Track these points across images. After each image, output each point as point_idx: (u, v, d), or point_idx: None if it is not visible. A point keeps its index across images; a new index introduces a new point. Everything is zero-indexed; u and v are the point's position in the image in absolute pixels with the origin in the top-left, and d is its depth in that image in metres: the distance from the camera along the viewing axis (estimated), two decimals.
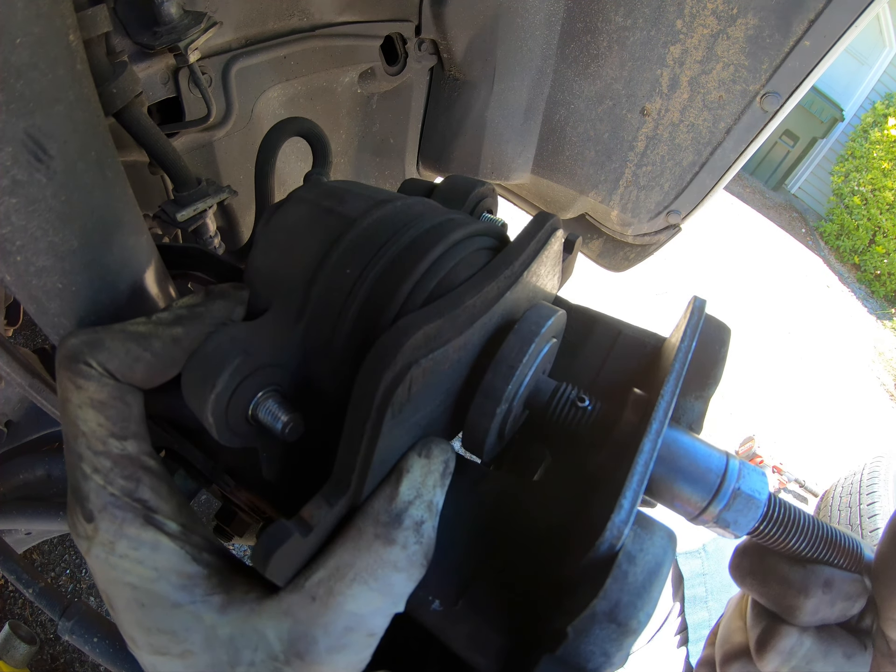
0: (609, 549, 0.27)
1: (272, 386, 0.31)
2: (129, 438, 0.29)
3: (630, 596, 0.26)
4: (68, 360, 0.28)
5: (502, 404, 0.32)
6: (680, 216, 1.09)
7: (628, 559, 0.27)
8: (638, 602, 0.26)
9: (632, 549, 0.27)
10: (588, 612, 0.25)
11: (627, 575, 0.26)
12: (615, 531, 0.27)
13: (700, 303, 0.38)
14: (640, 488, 0.28)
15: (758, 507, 0.32)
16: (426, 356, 0.28)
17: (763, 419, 3.83)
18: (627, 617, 0.25)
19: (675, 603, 0.98)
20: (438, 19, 0.95)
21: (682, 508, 0.33)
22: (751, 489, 0.32)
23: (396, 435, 0.29)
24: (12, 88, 0.24)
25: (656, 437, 0.30)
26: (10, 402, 0.73)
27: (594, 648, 0.25)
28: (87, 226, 0.31)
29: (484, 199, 0.44)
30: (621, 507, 0.27)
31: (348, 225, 0.34)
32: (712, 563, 1.00)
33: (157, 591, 0.28)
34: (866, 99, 7.84)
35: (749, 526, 0.32)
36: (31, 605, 1.66)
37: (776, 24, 0.82)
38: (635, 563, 0.27)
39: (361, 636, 0.27)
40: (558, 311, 0.36)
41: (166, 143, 0.63)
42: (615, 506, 0.27)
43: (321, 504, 0.27)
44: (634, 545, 0.27)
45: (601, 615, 0.25)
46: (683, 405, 0.38)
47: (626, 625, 0.25)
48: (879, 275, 7.08)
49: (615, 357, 0.42)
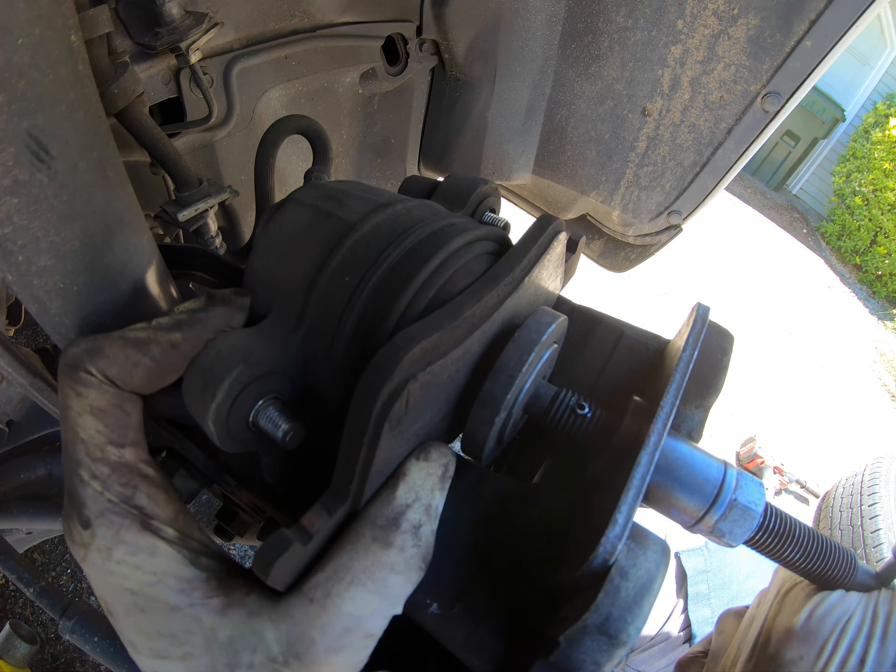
0: (602, 564, 0.27)
1: (272, 393, 0.31)
2: (127, 446, 0.29)
3: (621, 610, 0.26)
4: (69, 368, 0.28)
5: (501, 413, 0.32)
6: (681, 217, 1.09)
7: (621, 574, 0.27)
8: (628, 616, 0.26)
9: (625, 565, 0.28)
10: (580, 624, 0.26)
11: (619, 590, 0.27)
12: (609, 546, 0.27)
13: (703, 310, 0.38)
14: (636, 502, 0.28)
15: (753, 518, 0.32)
16: (423, 370, 0.28)
17: (764, 420, 3.83)
18: (618, 630, 0.26)
19: (678, 600, 0.98)
20: (439, 20, 0.95)
21: (679, 517, 0.33)
22: (747, 500, 0.32)
23: (394, 446, 0.29)
24: (14, 89, 0.24)
25: (654, 450, 0.30)
26: (12, 402, 0.73)
27: (585, 658, 0.26)
28: (89, 225, 0.31)
29: (486, 199, 0.44)
30: (616, 522, 0.27)
31: (348, 230, 0.33)
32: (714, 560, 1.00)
33: (156, 595, 0.28)
34: (867, 99, 7.82)
35: (744, 536, 0.33)
36: (32, 605, 1.67)
37: (777, 24, 0.82)
38: (627, 578, 0.27)
39: (359, 637, 0.27)
40: (559, 317, 0.35)
41: (168, 143, 0.63)
42: (610, 519, 0.27)
43: (321, 513, 0.28)
44: (627, 560, 0.28)
45: (592, 627, 0.26)
46: (683, 413, 0.38)
47: (616, 637, 0.26)
48: (881, 275, 7.07)
49: (617, 359, 0.42)
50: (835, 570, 0.36)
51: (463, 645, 0.30)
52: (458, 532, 0.34)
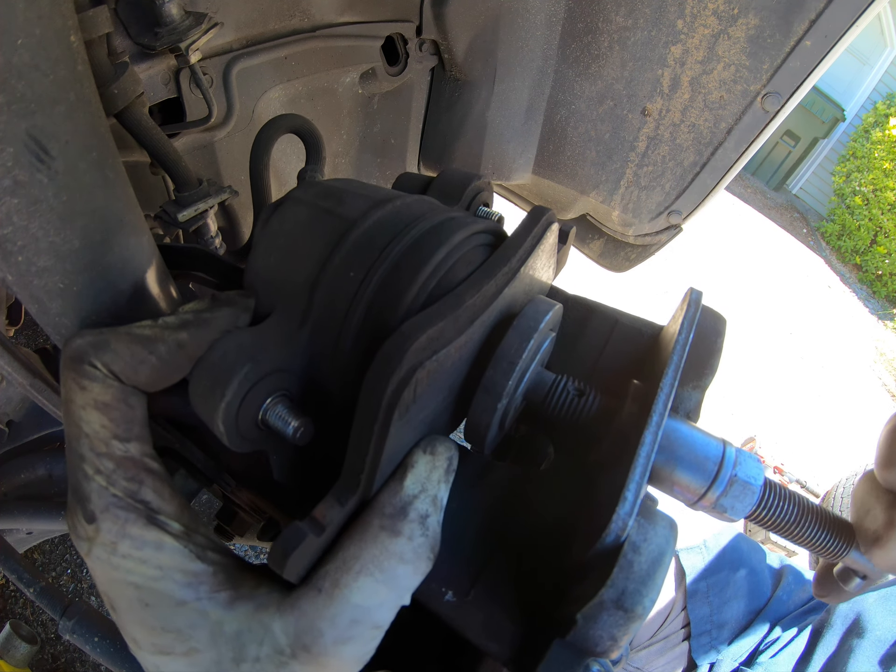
0: (615, 540, 0.28)
1: (280, 391, 0.32)
2: (133, 441, 0.29)
3: (635, 584, 0.27)
4: (73, 361, 0.28)
5: (503, 399, 0.32)
6: (681, 216, 1.09)
7: (633, 549, 0.28)
8: (643, 589, 0.27)
9: (636, 540, 0.28)
10: (596, 600, 0.27)
11: (633, 564, 0.27)
12: (620, 523, 0.28)
13: (696, 295, 0.39)
14: (643, 480, 0.29)
15: (754, 492, 0.33)
16: (430, 358, 0.28)
17: (764, 420, 3.83)
18: (633, 603, 0.27)
19: (676, 598, 0.98)
20: (439, 20, 0.95)
21: (682, 495, 0.34)
22: (747, 475, 0.33)
23: (403, 434, 0.29)
24: (14, 89, 0.24)
25: (657, 429, 0.31)
26: (12, 402, 0.73)
27: (602, 633, 0.27)
28: (89, 226, 0.31)
29: (480, 193, 0.45)
30: (625, 500, 0.28)
31: (349, 226, 0.34)
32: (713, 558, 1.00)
33: (162, 589, 0.28)
34: (867, 99, 7.82)
35: (746, 511, 0.34)
36: (32, 605, 1.67)
37: (777, 23, 0.82)
38: (640, 552, 0.28)
39: (367, 628, 0.27)
40: (555, 304, 0.36)
41: (167, 143, 0.63)
42: (620, 498, 0.28)
43: (333, 504, 0.28)
44: (639, 535, 0.28)
45: (608, 603, 0.27)
46: (681, 395, 0.38)
47: (632, 611, 0.27)
48: (881, 275, 7.07)
49: (613, 346, 0.43)
50: (835, 540, 0.37)
51: (481, 631, 0.31)
52: (468, 521, 0.35)
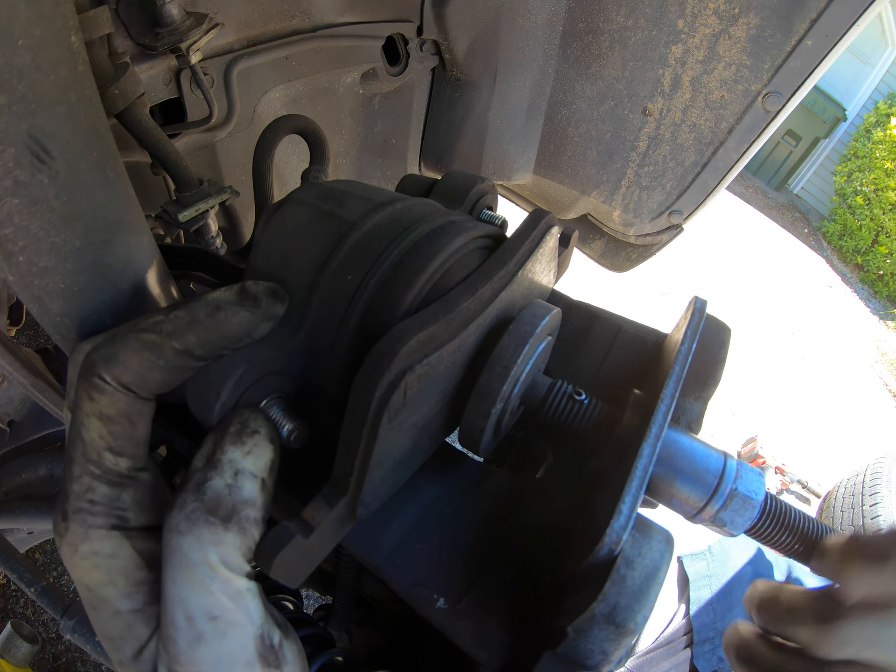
0: (608, 554, 0.27)
1: (276, 393, 0.32)
2: (125, 457, 0.29)
3: (628, 599, 0.26)
4: (86, 372, 0.29)
5: (497, 404, 0.32)
6: (682, 216, 1.09)
7: (626, 563, 0.27)
8: (635, 605, 0.26)
9: (630, 554, 0.28)
10: (587, 614, 0.26)
11: (626, 579, 0.27)
12: (614, 536, 0.27)
13: (701, 304, 0.38)
14: (640, 493, 0.29)
15: (754, 507, 0.32)
16: (421, 361, 0.28)
17: (765, 420, 3.82)
18: (625, 619, 0.26)
19: (680, 604, 0.97)
20: (440, 20, 0.95)
21: (681, 507, 0.34)
22: (747, 490, 0.32)
23: (393, 437, 0.29)
24: (14, 90, 0.24)
25: (655, 442, 0.30)
26: (13, 402, 0.73)
27: (593, 647, 0.26)
28: (90, 226, 0.31)
29: (484, 196, 0.44)
30: (620, 513, 0.28)
31: (348, 229, 0.33)
32: (717, 564, 0.99)
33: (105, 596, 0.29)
34: (869, 98, 7.81)
35: (745, 525, 0.33)
36: (33, 604, 1.67)
37: (778, 23, 0.82)
38: (633, 567, 0.27)
39: (204, 621, 0.26)
40: (553, 309, 0.36)
41: (168, 143, 0.63)
42: (615, 510, 0.28)
43: (322, 505, 0.28)
44: (633, 550, 0.28)
45: (600, 617, 0.26)
46: (683, 405, 0.38)
47: (623, 626, 0.26)
48: (882, 275, 7.05)
49: (615, 354, 0.42)
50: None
51: (471, 639, 0.30)
52: (462, 528, 0.35)
